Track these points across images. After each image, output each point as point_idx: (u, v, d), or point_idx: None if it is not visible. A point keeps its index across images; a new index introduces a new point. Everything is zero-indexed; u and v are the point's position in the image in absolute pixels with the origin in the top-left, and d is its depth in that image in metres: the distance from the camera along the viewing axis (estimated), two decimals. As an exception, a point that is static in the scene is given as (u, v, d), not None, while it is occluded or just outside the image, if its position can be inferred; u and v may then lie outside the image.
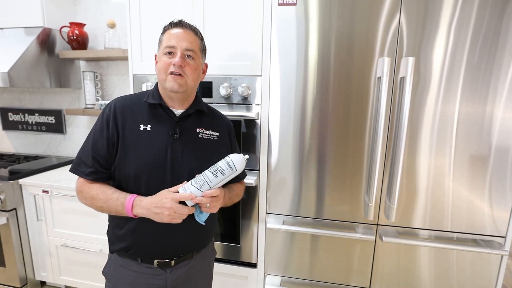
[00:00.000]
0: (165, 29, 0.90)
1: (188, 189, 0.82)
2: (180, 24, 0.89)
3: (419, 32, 1.09)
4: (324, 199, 1.27)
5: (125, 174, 0.87)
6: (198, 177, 0.84)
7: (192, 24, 0.91)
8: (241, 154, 0.89)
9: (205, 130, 0.96)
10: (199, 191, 0.82)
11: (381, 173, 1.19)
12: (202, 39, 0.93)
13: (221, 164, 0.85)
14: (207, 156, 0.93)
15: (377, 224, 1.24)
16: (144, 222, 0.86)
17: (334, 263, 1.31)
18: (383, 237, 1.20)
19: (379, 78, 1.12)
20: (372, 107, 1.17)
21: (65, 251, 1.76)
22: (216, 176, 0.84)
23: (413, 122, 1.14)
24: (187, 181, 0.85)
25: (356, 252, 1.28)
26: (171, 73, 0.85)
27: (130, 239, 0.90)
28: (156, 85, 0.95)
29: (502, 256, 1.15)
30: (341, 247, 1.29)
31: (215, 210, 0.88)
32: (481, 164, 1.12)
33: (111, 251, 0.96)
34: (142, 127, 0.88)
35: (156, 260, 0.91)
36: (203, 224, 0.88)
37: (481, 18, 1.05)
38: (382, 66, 1.10)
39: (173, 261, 0.92)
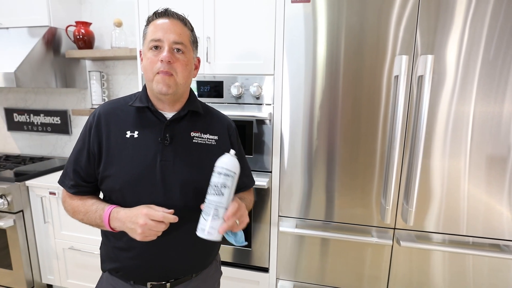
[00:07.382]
0: (149, 20, 0.78)
1: (208, 227, 0.70)
2: (166, 13, 0.77)
3: (433, 28, 1.05)
4: (338, 202, 1.23)
5: (110, 187, 0.78)
6: (206, 208, 0.72)
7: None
8: (226, 154, 0.75)
9: (201, 133, 0.84)
10: (219, 220, 0.71)
11: (399, 175, 1.15)
12: (192, 30, 0.82)
13: (217, 179, 0.71)
14: (203, 164, 0.81)
15: (394, 228, 1.20)
16: (133, 240, 0.75)
17: (349, 268, 1.27)
18: (400, 242, 1.16)
19: (396, 76, 1.08)
20: (386, 106, 1.13)
21: (72, 254, 1.74)
22: (223, 194, 0.71)
23: (428, 122, 1.09)
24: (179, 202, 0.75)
25: (372, 257, 1.24)
26: (159, 72, 0.75)
27: (119, 259, 0.82)
28: (145, 86, 0.85)
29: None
30: (356, 251, 1.25)
31: (246, 221, 0.76)
32: (499, 165, 1.08)
33: (102, 270, 0.88)
34: (128, 134, 0.79)
35: (149, 283, 0.82)
36: (246, 243, 0.78)
37: (497, 13, 1.00)
38: (399, 64, 1.05)
39: (168, 284, 0.83)
